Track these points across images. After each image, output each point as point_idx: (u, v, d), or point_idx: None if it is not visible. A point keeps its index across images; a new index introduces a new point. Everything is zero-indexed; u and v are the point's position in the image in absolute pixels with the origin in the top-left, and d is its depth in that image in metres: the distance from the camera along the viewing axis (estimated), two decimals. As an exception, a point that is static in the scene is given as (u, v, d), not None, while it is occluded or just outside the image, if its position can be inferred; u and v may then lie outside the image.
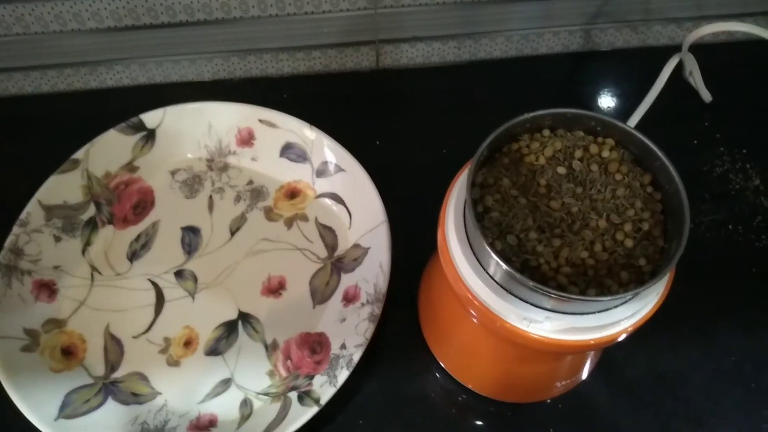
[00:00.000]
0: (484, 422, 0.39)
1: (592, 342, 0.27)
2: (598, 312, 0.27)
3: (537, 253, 0.27)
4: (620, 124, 0.29)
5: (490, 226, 0.28)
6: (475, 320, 0.31)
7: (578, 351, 0.29)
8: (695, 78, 0.50)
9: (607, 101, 0.53)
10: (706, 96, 0.51)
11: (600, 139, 0.30)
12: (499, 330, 0.29)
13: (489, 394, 0.38)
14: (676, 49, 0.50)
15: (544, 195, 0.28)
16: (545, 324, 0.27)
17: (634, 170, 0.29)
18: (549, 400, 0.39)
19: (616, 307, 0.27)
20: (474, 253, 0.29)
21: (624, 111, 0.50)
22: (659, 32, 0.54)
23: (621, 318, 0.27)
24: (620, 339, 0.28)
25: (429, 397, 0.40)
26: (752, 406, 0.39)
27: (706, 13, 0.53)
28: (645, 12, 0.52)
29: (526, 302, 0.27)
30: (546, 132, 0.30)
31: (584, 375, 0.38)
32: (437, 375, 0.40)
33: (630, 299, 0.27)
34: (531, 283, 0.25)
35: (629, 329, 0.27)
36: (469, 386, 0.39)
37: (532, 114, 0.29)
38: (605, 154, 0.29)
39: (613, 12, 0.52)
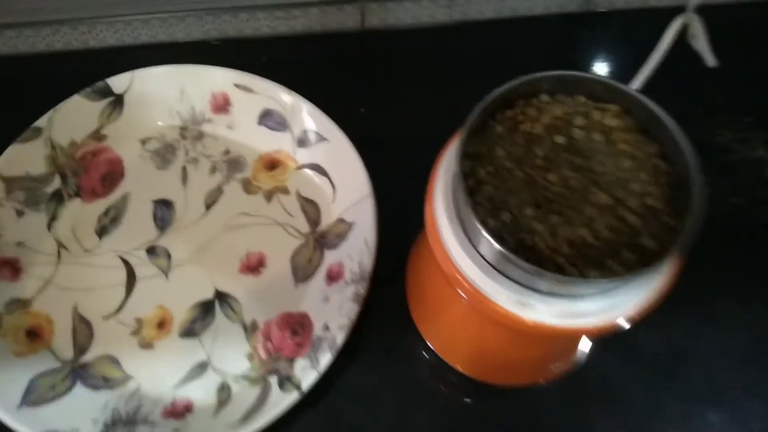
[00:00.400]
0: (475, 406, 0.37)
1: (592, 328, 0.25)
2: (599, 294, 0.25)
3: (533, 231, 0.25)
4: (626, 88, 0.26)
5: (481, 201, 0.25)
6: (464, 302, 0.29)
7: (576, 336, 0.27)
8: (700, 41, 0.47)
9: (605, 66, 0.50)
10: (711, 60, 0.48)
11: (603, 106, 0.27)
12: (491, 313, 0.26)
13: (480, 377, 0.37)
14: (680, 10, 0.47)
15: (541, 167, 0.26)
16: (540, 308, 0.25)
17: (640, 140, 0.26)
18: (542, 382, 0.37)
19: (618, 289, 0.25)
20: (464, 231, 0.26)
21: (622, 76, 0.47)
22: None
23: (624, 302, 0.25)
24: (624, 326, 0.26)
25: (417, 380, 0.38)
26: (757, 389, 0.38)
27: None
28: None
29: (521, 285, 0.25)
30: (544, 97, 0.27)
31: (580, 356, 0.36)
32: (426, 357, 0.38)
33: (634, 281, 0.24)
34: (527, 265, 0.23)
35: (633, 315, 0.25)
36: (460, 369, 0.37)
37: (528, 77, 0.26)
38: (609, 121, 0.26)
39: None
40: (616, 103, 0.27)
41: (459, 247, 0.27)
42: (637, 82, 0.45)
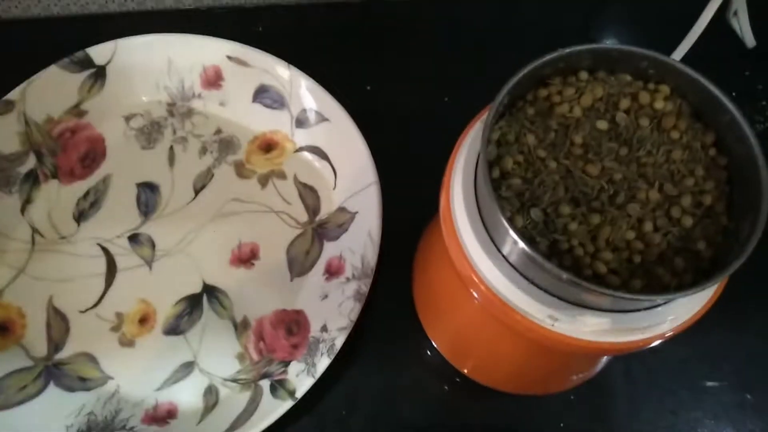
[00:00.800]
0: (486, 416, 0.34)
1: (631, 344, 0.22)
2: (645, 309, 0.21)
3: (569, 233, 0.21)
4: (682, 66, 0.22)
5: (509, 195, 0.22)
6: (479, 305, 0.25)
7: (614, 353, 0.24)
8: (740, 19, 0.43)
9: (638, 42, 0.46)
10: (750, 41, 0.44)
11: (652, 86, 0.23)
12: (511, 323, 0.23)
13: (491, 385, 0.33)
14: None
15: (579, 157, 0.22)
16: (572, 321, 0.22)
17: (694, 127, 0.23)
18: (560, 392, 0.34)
19: (667, 303, 0.21)
20: (486, 229, 0.23)
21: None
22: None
23: (670, 316, 0.21)
24: (666, 339, 0.22)
25: (423, 386, 0.35)
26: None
27: None
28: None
29: (553, 295, 0.21)
30: (583, 75, 0.23)
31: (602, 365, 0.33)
32: (433, 362, 0.35)
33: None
34: (562, 273, 0.19)
35: (679, 328, 0.22)
36: (468, 374, 0.34)
37: (567, 50, 0.22)
38: (658, 105, 0.23)
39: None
40: (667, 82, 0.23)
41: (479, 246, 0.23)
42: (677, 55, 0.41)
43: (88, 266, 0.37)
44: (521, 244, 0.20)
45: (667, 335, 0.22)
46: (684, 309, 0.22)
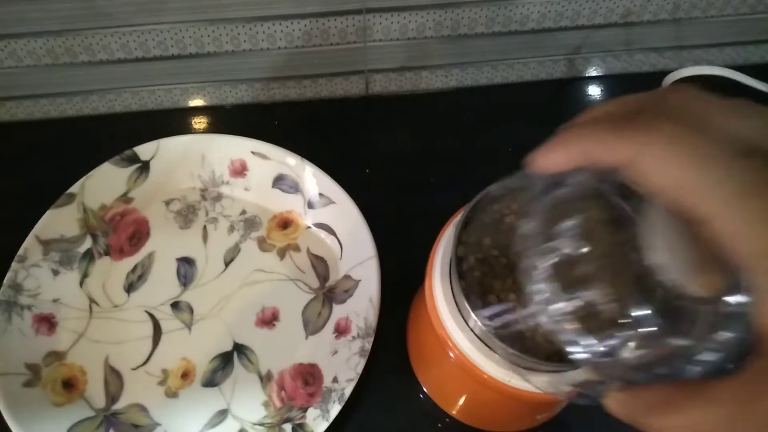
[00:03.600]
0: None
1: (580, 393, 0.29)
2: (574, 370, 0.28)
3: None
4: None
5: (471, 284, 0.29)
6: (455, 361, 0.32)
7: (558, 401, 0.31)
8: None
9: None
10: None
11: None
12: (480, 380, 0.30)
13: (472, 424, 0.40)
14: (657, 75, 0.51)
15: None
16: (527, 378, 0.29)
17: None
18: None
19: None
20: (457, 307, 0.30)
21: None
22: (641, 60, 0.56)
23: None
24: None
25: (417, 426, 0.42)
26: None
27: (685, 44, 0.54)
28: (627, 43, 0.53)
29: (507, 360, 0.29)
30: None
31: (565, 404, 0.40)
32: (425, 405, 0.42)
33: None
34: (510, 351, 0.27)
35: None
36: (458, 417, 0.40)
37: (502, 182, 0.30)
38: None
39: (596, 44, 0.53)
40: None
41: (452, 320, 0.31)
42: None
43: (138, 330, 0.44)
44: (479, 324, 0.27)
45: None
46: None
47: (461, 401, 0.39)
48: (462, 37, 0.50)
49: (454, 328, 0.30)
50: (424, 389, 0.42)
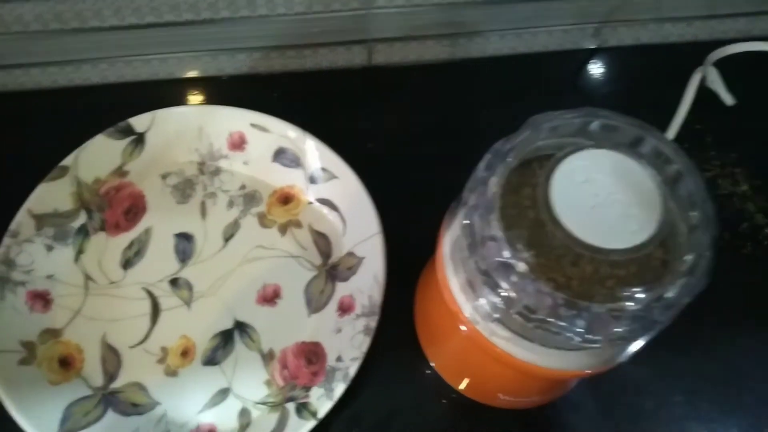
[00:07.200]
0: (476, 427, 0.41)
1: (590, 371, 0.28)
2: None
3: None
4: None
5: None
6: (466, 335, 0.31)
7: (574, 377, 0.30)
8: (716, 84, 0.50)
9: (610, 98, 0.53)
10: (729, 100, 0.50)
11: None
12: (490, 353, 0.30)
13: (480, 400, 0.40)
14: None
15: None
16: (537, 350, 0.28)
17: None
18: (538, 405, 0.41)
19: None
20: (468, 281, 0.29)
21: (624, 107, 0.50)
22: (669, 31, 0.54)
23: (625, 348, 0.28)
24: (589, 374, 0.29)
25: (424, 402, 0.41)
26: (740, 416, 0.41)
27: (718, 12, 0.52)
28: (655, 10, 0.51)
29: (517, 334, 0.28)
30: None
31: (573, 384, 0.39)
32: (432, 381, 0.41)
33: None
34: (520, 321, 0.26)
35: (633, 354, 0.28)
36: (464, 392, 0.40)
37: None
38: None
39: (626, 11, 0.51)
40: None
41: (461, 293, 0.30)
42: (671, 134, 0.47)
43: (135, 307, 0.43)
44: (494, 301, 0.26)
45: (586, 372, 0.28)
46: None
47: (469, 375, 0.38)
48: (469, 4, 0.48)
49: (464, 301, 0.29)
50: (431, 364, 0.41)
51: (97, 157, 0.45)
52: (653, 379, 0.42)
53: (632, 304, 0.24)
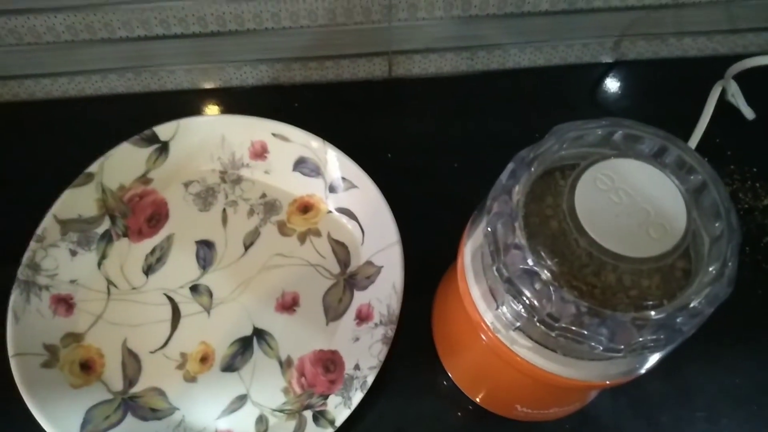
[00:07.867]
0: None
1: (609, 383, 0.28)
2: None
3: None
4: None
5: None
6: (486, 344, 0.31)
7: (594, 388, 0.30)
8: (737, 98, 0.50)
9: (629, 111, 0.53)
10: (749, 114, 0.50)
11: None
12: (512, 363, 0.29)
13: (499, 412, 0.39)
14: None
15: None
16: (559, 361, 0.28)
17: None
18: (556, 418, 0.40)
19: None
20: (490, 290, 0.29)
21: (643, 121, 0.50)
22: (688, 45, 0.54)
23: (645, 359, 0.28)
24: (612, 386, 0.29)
25: (441, 413, 0.41)
26: (755, 427, 0.40)
27: (738, 27, 0.52)
28: (675, 25, 0.51)
29: (540, 344, 0.28)
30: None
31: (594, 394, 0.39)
32: (449, 392, 0.41)
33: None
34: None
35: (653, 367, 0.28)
36: (482, 404, 0.40)
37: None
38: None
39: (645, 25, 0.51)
40: None
41: (483, 302, 0.30)
42: (692, 144, 0.47)
43: (156, 313, 0.43)
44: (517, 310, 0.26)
45: (606, 383, 0.28)
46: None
47: (487, 386, 0.38)
48: (489, 17, 0.49)
49: (485, 309, 0.29)
50: (449, 375, 0.41)
51: (121, 164, 0.46)
52: (672, 394, 0.41)
53: (656, 313, 0.24)
